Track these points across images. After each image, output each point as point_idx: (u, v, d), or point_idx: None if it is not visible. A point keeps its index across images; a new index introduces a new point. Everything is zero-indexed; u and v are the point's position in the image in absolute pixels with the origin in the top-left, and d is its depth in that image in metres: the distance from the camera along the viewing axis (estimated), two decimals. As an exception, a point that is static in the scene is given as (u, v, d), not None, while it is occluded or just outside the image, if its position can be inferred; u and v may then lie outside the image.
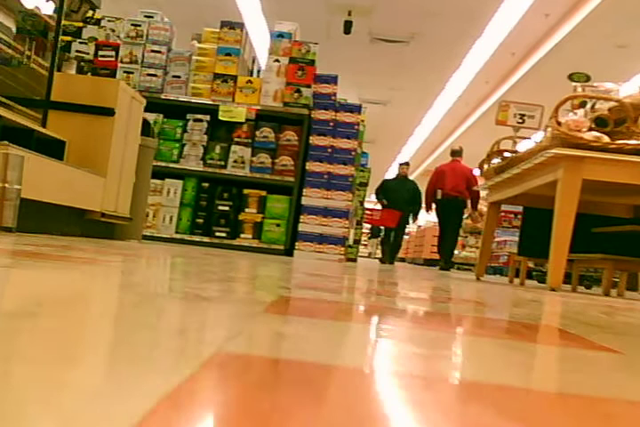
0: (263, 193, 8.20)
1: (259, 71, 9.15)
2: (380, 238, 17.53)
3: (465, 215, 12.83)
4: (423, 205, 12.26)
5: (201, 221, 8.26)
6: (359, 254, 13.08)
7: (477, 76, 17.08)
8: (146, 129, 6.26)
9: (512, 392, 0.72)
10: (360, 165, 10.01)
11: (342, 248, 8.42)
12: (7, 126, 4.31)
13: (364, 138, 9.85)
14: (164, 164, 8.17)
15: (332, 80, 8.59)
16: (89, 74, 8.14)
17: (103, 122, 5.30)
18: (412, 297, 2.39)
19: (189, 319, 1.04)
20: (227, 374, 0.64)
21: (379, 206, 12.98)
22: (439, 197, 11.69)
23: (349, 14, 13.86)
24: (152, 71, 8.33)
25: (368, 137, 14.18)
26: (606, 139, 4.76)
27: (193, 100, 8.32)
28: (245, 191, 8.21)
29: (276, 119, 8.32)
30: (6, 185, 3.94)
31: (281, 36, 8.48)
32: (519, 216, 10.27)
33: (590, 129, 4.84)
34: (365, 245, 26.74)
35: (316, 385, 0.63)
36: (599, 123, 4.92)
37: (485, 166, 7.02)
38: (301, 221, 8.32)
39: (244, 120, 8.24)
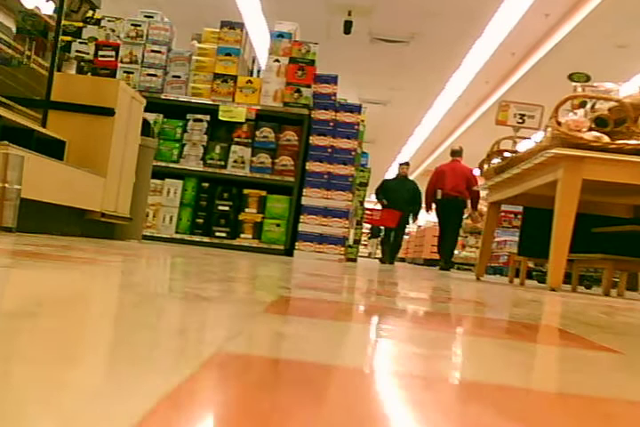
0: (263, 193, 8.20)
1: (259, 71, 9.15)
2: (380, 238, 17.53)
3: (465, 215, 12.83)
4: (423, 205, 12.26)
5: (201, 221, 8.26)
6: (359, 254, 13.08)
7: (477, 76, 17.08)
8: (146, 129, 6.25)
9: (512, 392, 0.72)
10: (360, 165, 10.01)
11: (342, 248, 8.42)
12: (7, 126, 4.31)
13: (364, 138, 9.85)
14: (164, 164, 8.17)
15: (332, 80, 8.59)
16: (89, 74, 8.14)
17: (103, 122, 5.30)
18: (411, 297, 2.39)
19: (189, 319, 1.04)
20: (227, 374, 0.64)
21: (379, 206, 12.97)
22: (439, 197, 11.69)
23: (349, 14, 13.86)
24: (152, 71, 8.33)
25: (368, 137, 14.18)
26: (606, 139, 4.76)
27: (193, 100, 8.32)
28: (245, 191, 8.21)
29: (276, 119, 8.32)
30: (6, 185, 3.94)
31: (281, 36, 8.48)
32: (519, 216, 10.26)
33: (590, 129, 4.84)
34: (365, 245, 26.73)
35: (316, 385, 0.63)
36: (599, 123, 4.91)
37: (485, 166, 7.02)
38: (301, 221, 8.32)
39: (243, 120, 8.24)
